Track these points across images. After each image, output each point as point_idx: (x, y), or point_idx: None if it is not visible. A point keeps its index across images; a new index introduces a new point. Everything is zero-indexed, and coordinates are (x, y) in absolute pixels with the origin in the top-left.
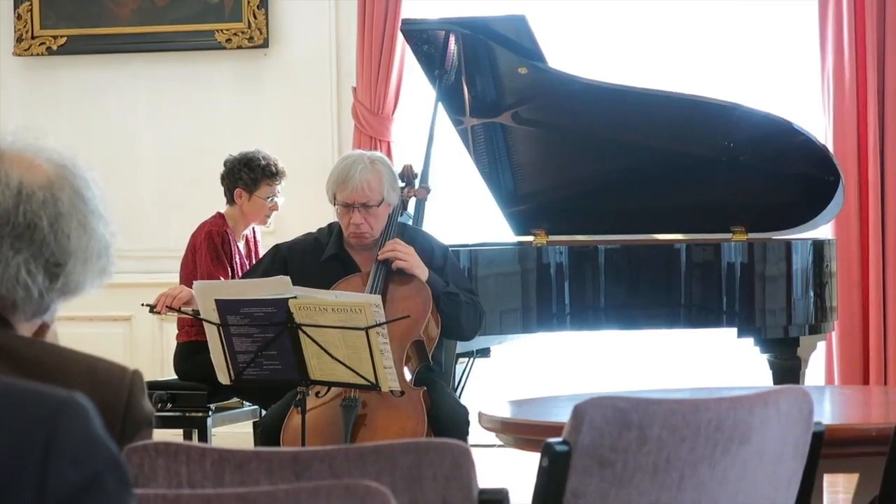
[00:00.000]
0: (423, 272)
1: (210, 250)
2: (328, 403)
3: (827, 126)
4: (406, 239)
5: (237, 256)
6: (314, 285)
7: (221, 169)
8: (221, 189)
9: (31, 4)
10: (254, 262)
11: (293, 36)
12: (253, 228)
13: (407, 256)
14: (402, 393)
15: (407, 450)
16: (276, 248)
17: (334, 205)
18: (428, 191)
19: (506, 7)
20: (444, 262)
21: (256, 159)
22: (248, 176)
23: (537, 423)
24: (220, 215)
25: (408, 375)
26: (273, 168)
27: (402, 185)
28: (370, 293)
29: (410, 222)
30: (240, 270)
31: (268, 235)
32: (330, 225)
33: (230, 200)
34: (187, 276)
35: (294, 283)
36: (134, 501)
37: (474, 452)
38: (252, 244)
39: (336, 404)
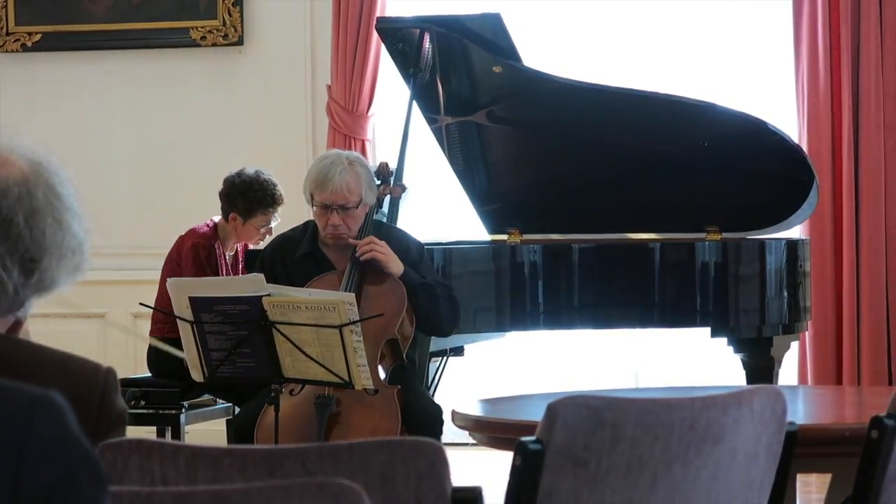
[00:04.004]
0: (398, 267)
1: (194, 263)
2: (302, 401)
3: (801, 126)
4: (382, 236)
5: (223, 270)
6: (291, 284)
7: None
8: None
9: (5, 1)
10: (241, 270)
11: (268, 33)
12: None
13: (383, 250)
14: (377, 391)
15: (380, 448)
16: (260, 258)
17: (312, 205)
18: (403, 189)
19: (481, 6)
20: (419, 259)
21: (253, 189)
22: (243, 206)
23: (510, 422)
24: (213, 226)
25: (382, 374)
26: (269, 199)
27: (378, 182)
28: (345, 291)
29: (385, 220)
30: None
31: None
32: (305, 223)
33: (225, 218)
34: (169, 273)
35: (270, 282)
36: (108, 500)
37: (448, 451)
38: (242, 253)
39: (310, 402)
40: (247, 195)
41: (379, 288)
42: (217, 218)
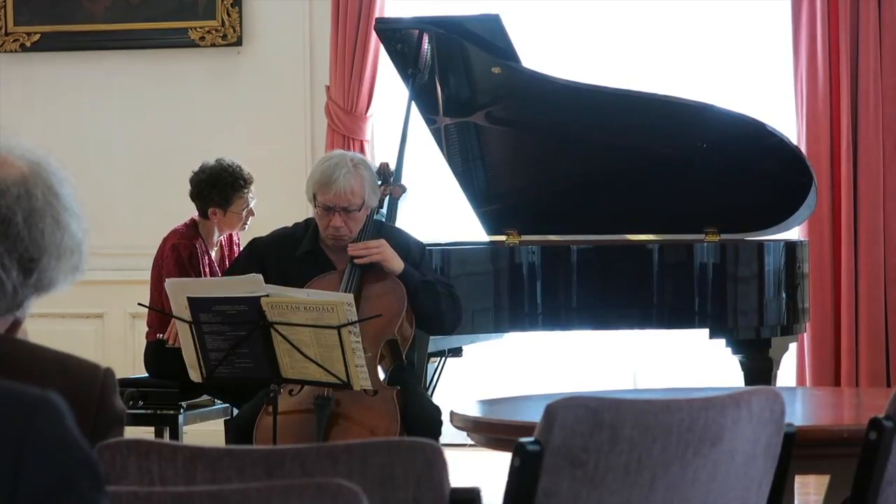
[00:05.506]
0: (398, 265)
1: (176, 264)
2: (301, 402)
3: (800, 128)
4: (383, 237)
5: (206, 268)
6: (288, 282)
7: (193, 167)
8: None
9: (4, 1)
10: (228, 265)
11: (267, 34)
12: None
13: (381, 250)
14: (376, 392)
15: (379, 449)
16: (253, 244)
17: (314, 206)
18: (403, 189)
19: (480, 6)
20: (420, 260)
21: (222, 177)
22: (219, 196)
23: (509, 423)
24: (192, 225)
25: (381, 375)
26: (241, 181)
27: (379, 183)
28: (344, 292)
29: (384, 220)
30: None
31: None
32: (307, 221)
33: (204, 216)
34: (156, 276)
35: (269, 280)
36: (107, 501)
37: (446, 452)
38: (226, 247)
39: (309, 403)
40: (218, 185)
41: (379, 288)
42: (195, 215)
